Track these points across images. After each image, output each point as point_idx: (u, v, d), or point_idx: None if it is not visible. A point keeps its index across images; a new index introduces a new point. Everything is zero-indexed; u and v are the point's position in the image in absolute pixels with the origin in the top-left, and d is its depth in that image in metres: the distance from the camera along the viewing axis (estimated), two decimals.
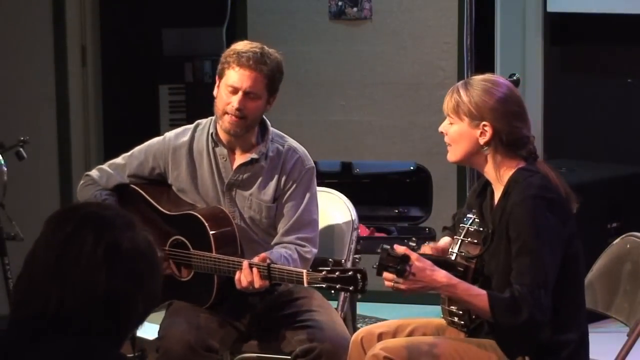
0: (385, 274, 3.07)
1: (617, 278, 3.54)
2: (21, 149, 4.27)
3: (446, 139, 3.25)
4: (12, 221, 4.19)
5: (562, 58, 6.20)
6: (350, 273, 3.21)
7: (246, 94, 3.54)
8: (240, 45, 3.60)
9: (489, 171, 3.21)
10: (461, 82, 3.25)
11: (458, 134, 3.20)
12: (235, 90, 3.55)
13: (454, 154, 3.25)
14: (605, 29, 5.88)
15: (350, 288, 3.21)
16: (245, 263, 3.41)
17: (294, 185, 3.65)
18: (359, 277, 3.20)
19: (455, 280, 3.10)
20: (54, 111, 5.84)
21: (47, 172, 5.80)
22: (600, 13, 5.78)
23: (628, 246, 3.57)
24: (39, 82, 5.80)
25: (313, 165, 3.72)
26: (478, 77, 3.24)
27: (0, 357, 1.87)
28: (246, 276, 3.40)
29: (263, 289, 3.45)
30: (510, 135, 3.16)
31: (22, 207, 4.74)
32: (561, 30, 6.07)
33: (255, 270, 3.39)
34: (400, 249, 3.06)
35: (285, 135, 3.75)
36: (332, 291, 3.24)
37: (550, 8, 5.93)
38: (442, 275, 3.09)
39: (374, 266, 3.05)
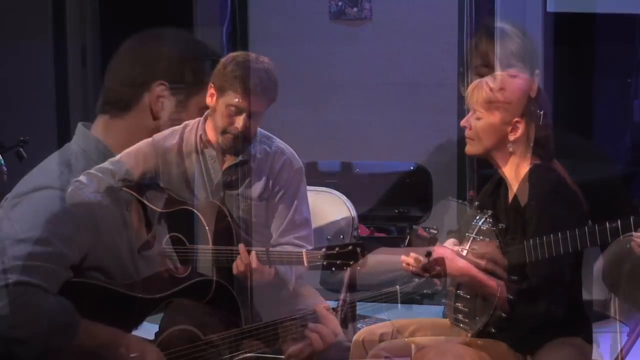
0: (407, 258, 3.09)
1: (617, 278, 3.54)
2: (21, 149, 4.27)
3: (469, 133, 3.21)
4: None
5: (562, 58, 6.20)
6: (350, 247, 3.21)
7: (251, 115, 3.53)
8: (243, 67, 3.52)
9: (508, 168, 3.21)
10: (489, 76, 3.22)
11: (487, 129, 3.18)
12: (239, 111, 3.54)
13: (476, 148, 3.22)
14: (605, 29, 5.88)
15: (351, 263, 3.21)
16: (241, 246, 3.41)
17: (284, 189, 3.65)
18: (359, 251, 3.20)
19: (474, 269, 3.12)
20: (54, 111, 5.84)
21: None
22: (600, 13, 5.78)
23: (628, 246, 3.57)
24: (39, 82, 5.79)
25: (301, 165, 3.72)
26: (505, 74, 3.23)
27: None
28: (244, 260, 3.40)
29: (265, 278, 3.44)
30: (539, 132, 3.17)
31: None
32: (561, 30, 6.07)
33: (253, 253, 3.40)
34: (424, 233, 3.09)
35: (272, 136, 3.73)
36: (333, 268, 3.23)
37: (550, 8, 5.93)
38: (461, 263, 3.11)
39: (403, 246, 3.06)
